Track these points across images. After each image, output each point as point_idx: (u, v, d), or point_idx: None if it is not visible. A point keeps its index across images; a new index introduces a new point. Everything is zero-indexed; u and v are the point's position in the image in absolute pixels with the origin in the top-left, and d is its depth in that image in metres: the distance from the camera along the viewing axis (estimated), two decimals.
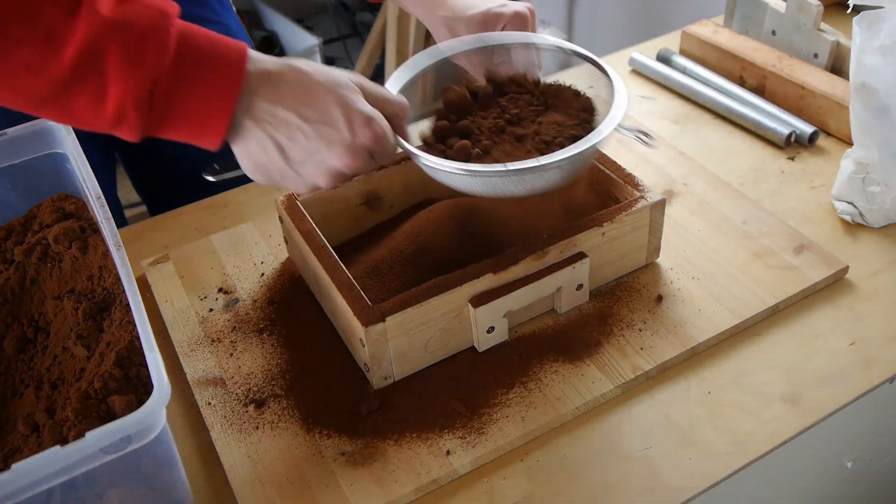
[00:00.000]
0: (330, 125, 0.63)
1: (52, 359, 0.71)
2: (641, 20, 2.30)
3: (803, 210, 0.94)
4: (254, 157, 0.64)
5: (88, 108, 0.57)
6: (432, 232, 0.82)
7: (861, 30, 0.84)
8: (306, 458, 0.70)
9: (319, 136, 0.63)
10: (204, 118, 0.60)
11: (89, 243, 0.76)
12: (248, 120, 0.62)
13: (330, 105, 0.63)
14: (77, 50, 0.54)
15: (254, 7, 2.88)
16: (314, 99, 0.63)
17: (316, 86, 0.63)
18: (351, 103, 0.64)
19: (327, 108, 0.63)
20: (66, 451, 0.52)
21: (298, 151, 0.63)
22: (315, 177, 0.65)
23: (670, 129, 1.09)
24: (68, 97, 0.56)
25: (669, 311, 0.81)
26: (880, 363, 0.76)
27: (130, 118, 0.57)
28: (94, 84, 0.56)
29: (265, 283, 0.89)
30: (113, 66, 0.55)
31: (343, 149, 0.64)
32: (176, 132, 0.60)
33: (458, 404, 0.73)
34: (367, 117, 0.64)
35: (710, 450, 0.70)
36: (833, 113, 1.03)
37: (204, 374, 0.79)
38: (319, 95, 0.63)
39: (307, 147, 0.63)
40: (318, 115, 0.63)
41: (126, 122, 0.58)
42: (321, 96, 0.63)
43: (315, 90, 0.63)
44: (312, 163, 0.64)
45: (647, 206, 0.80)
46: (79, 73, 0.55)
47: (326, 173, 0.65)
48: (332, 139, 0.63)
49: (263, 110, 0.61)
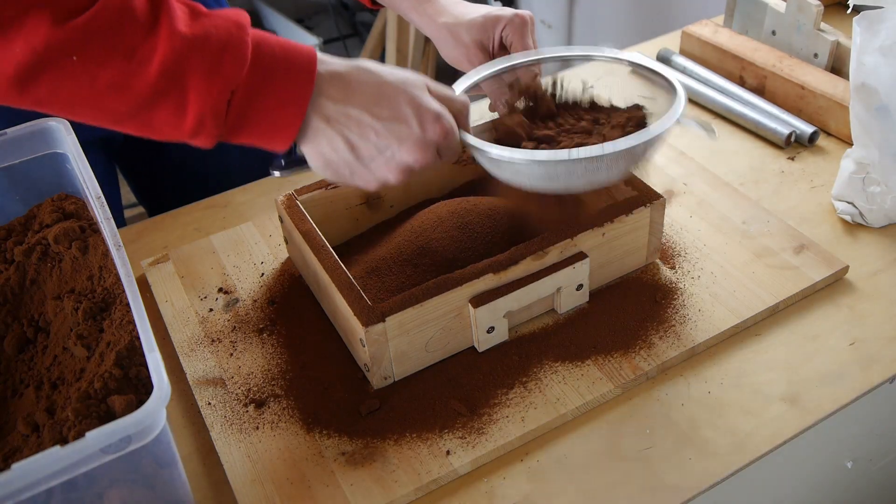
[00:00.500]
0: (401, 122, 0.65)
1: (52, 359, 0.71)
2: (641, 20, 2.30)
3: (803, 210, 0.94)
4: (324, 156, 0.65)
5: (169, 122, 0.59)
6: (432, 232, 0.82)
7: (861, 30, 0.84)
8: (306, 458, 0.70)
9: (391, 133, 0.65)
10: (277, 123, 0.62)
11: (89, 243, 0.76)
12: (320, 120, 0.63)
13: (401, 103, 0.65)
14: (159, 67, 0.56)
15: (254, 7, 2.87)
16: (385, 98, 0.64)
17: (386, 85, 0.65)
18: (420, 101, 0.66)
19: (398, 106, 0.65)
20: (66, 451, 0.52)
21: (370, 148, 0.65)
22: (385, 172, 0.67)
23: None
24: (150, 112, 0.59)
25: (669, 311, 0.81)
26: (880, 363, 0.76)
27: (209, 128, 0.59)
28: (175, 99, 0.58)
29: (265, 283, 0.89)
30: (193, 80, 0.57)
31: (414, 144, 0.66)
32: (249, 137, 0.62)
33: (458, 404, 0.73)
34: (436, 114, 0.66)
35: (710, 450, 0.70)
36: (833, 113, 1.03)
37: (204, 374, 0.79)
38: (390, 94, 0.65)
39: (378, 144, 0.65)
40: (389, 112, 0.64)
41: (204, 131, 0.60)
42: (392, 95, 0.65)
43: (386, 89, 0.65)
44: (383, 159, 0.66)
45: (647, 206, 0.80)
46: (161, 90, 0.57)
47: (397, 168, 0.67)
48: (404, 136, 0.65)
49: (335, 110, 0.63)
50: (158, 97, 0.58)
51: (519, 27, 0.86)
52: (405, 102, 0.65)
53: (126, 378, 0.63)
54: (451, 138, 0.68)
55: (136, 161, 1.17)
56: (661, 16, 2.23)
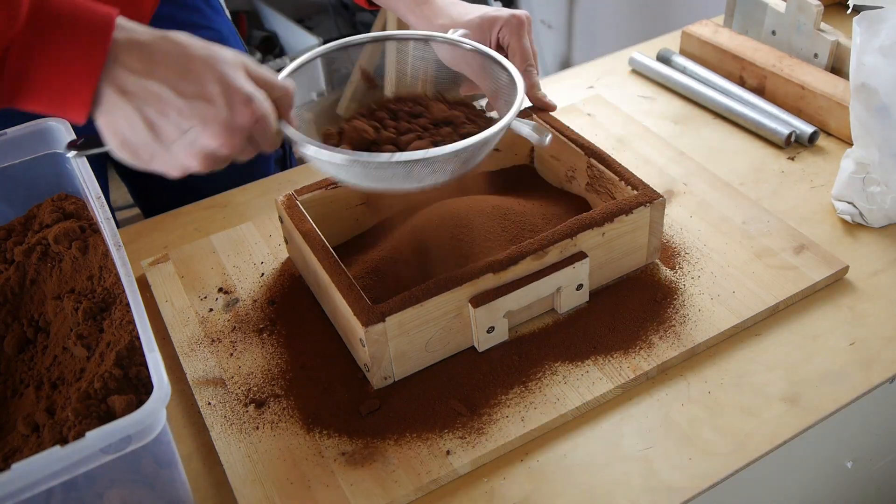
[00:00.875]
0: (207, 101, 0.58)
1: (52, 359, 0.71)
2: (641, 20, 2.30)
3: (803, 210, 0.94)
4: (120, 134, 0.59)
5: None
6: (432, 232, 0.82)
7: (861, 30, 0.84)
8: (306, 458, 0.70)
9: (194, 113, 0.58)
10: (64, 88, 0.56)
11: (89, 243, 0.76)
12: (115, 92, 0.57)
13: (208, 80, 0.58)
14: None
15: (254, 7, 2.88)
16: (191, 72, 0.58)
17: (194, 59, 0.59)
18: (231, 80, 0.59)
19: (205, 83, 0.58)
20: (66, 451, 0.52)
21: (170, 128, 0.58)
22: (187, 157, 0.60)
23: (670, 129, 1.09)
24: None
25: (669, 311, 0.81)
26: (880, 363, 0.76)
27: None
28: None
29: (265, 283, 0.89)
30: None
31: (220, 127, 0.59)
32: (36, 102, 0.57)
33: (458, 404, 0.73)
34: (247, 96, 0.60)
35: (710, 450, 0.70)
36: (833, 113, 1.03)
37: (204, 374, 0.79)
38: (197, 69, 0.58)
39: (180, 124, 0.58)
40: (194, 89, 0.58)
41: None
42: (199, 70, 0.58)
43: (193, 63, 0.58)
44: (185, 141, 0.59)
45: (647, 206, 0.80)
46: None
47: (200, 153, 0.60)
48: (209, 116, 0.59)
49: (133, 82, 0.56)
50: None
51: (516, 28, 0.86)
52: (214, 80, 0.58)
53: (126, 378, 0.63)
54: (263, 124, 0.62)
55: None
56: (661, 16, 2.23)
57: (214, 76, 0.59)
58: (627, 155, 1.03)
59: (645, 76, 1.21)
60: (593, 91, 1.18)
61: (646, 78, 1.20)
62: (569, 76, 1.23)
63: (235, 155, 0.62)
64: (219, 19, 1.11)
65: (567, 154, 0.91)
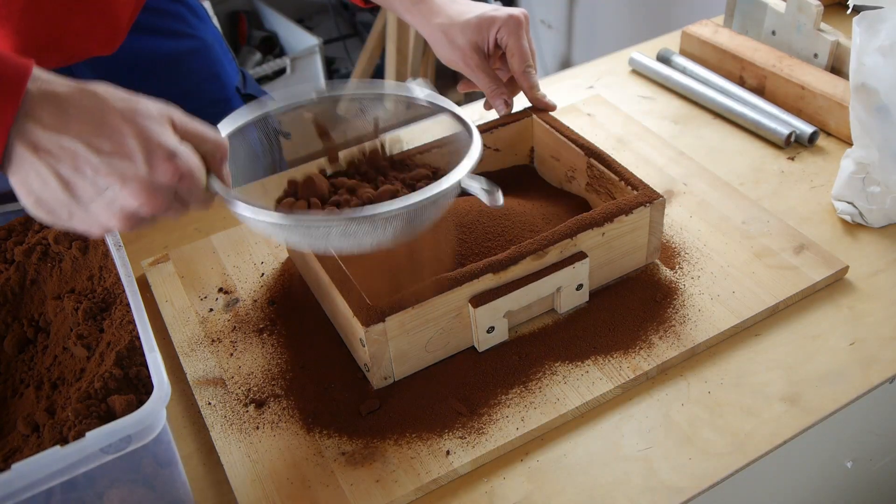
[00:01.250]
0: (125, 158, 0.55)
1: (52, 359, 0.71)
2: (641, 20, 2.31)
3: (803, 210, 0.94)
4: (34, 193, 0.55)
5: None
6: (432, 232, 0.82)
7: (861, 30, 0.84)
8: (306, 458, 0.70)
9: (111, 171, 0.54)
10: None
11: (89, 243, 0.76)
12: (26, 148, 0.53)
13: (126, 135, 0.55)
14: None
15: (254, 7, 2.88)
16: (108, 128, 0.55)
17: (112, 113, 0.55)
18: (151, 135, 0.56)
19: (123, 138, 0.55)
20: (66, 451, 0.52)
21: (86, 187, 0.55)
22: (107, 217, 0.57)
23: (670, 129, 1.09)
24: None
25: (669, 311, 0.81)
26: (880, 363, 0.76)
27: None
28: None
29: (265, 283, 0.89)
30: None
31: (139, 186, 0.55)
32: None
33: (458, 404, 0.73)
34: (169, 151, 0.56)
35: (710, 450, 0.70)
36: (833, 113, 1.03)
37: (204, 374, 0.79)
38: (114, 124, 0.55)
39: (96, 183, 0.55)
40: (111, 146, 0.54)
41: None
42: (116, 125, 0.55)
43: (110, 118, 0.55)
44: (104, 201, 0.56)
45: (647, 206, 0.80)
46: None
47: (120, 213, 0.57)
48: (127, 174, 0.55)
49: (45, 138, 0.53)
50: None
51: (514, 28, 0.86)
52: (132, 135, 0.55)
53: (126, 378, 0.63)
54: (188, 182, 0.58)
55: None
56: (661, 16, 2.23)
57: (134, 131, 0.55)
58: (627, 155, 1.03)
59: (645, 76, 1.21)
60: (593, 91, 1.18)
61: (646, 78, 1.20)
62: (569, 76, 1.23)
63: (160, 213, 0.59)
64: (203, 27, 1.08)
65: (567, 154, 0.91)
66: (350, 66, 2.83)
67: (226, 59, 1.12)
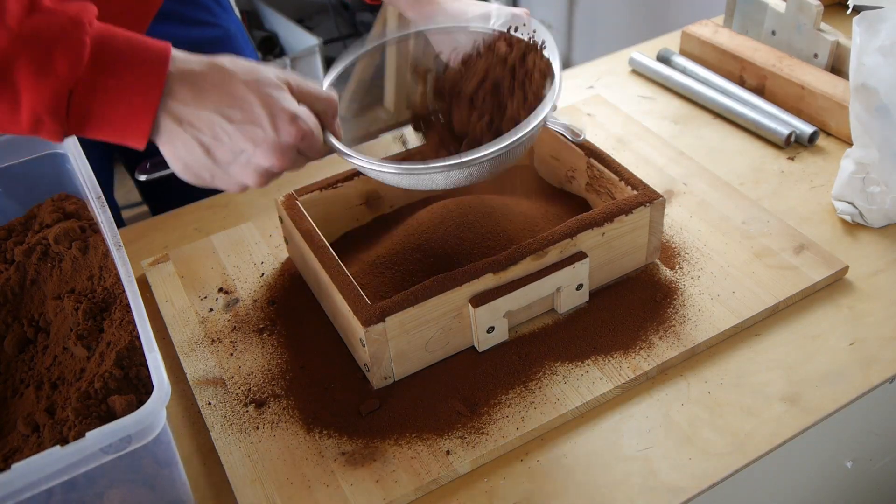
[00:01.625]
0: (255, 124, 0.63)
1: (52, 359, 0.71)
2: (641, 20, 2.30)
3: (803, 210, 0.94)
4: (182, 159, 0.64)
5: (4, 117, 0.58)
6: (432, 231, 0.82)
7: (861, 30, 0.84)
8: (306, 458, 0.70)
9: (244, 137, 0.63)
10: (125, 122, 0.60)
11: (89, 243, 0.76)
12: (172, 122, 0.61)
13: (253, 104, 0.63)
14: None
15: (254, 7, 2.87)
16: (237, 99, 0.62)
17: (239, 85, 0.63)
18: (275, 101, 0.64)
19: (251, 107, 0.63)
20: (66, 451, 0.52)
21: (224, 152, 0.63)
22: (243, 176, 0.65)
23: (670, 129, 1.09)
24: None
25: (669, 311, 0.81)
26: (880, 363, 0.76)
27: (48, 124, 0.58)
28: (6, 96, 0.57)
29: (265, 283, 0.89)
30: (22, 78, 0.56)
31: (269, 148, 0.64)
32: (99, 134, 0.61)
33: (459, 404, 0.73)
34: (291, 115, 0.64)
35: (710, 450, 0.70)
36: (833, 113, 1.03)
37: (204, 374, 0.79)
38: (242, 95, 0.63)
39: (233, 148, 0.63)
40: (241, 115, 0.62)
41: (44, 128, 0.59)
42: (244, 96, 0.63)
43: (238, 89, 0.63)
44: (240, 163, 0.64)
45: (647, 206, 0.80)
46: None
47: (255, 173, 0.65)
48: (258, 139, 0.63)
49: (187, 112, 0.61)
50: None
51: None
52: (259, 104, 0.63)
53: (126, 378, 0.63)
54: (309, 140, 0.66)
55: (136, 160, 1.17)
56: (661, 16, 2.23)
57: (260, 99, 0.63)
58: (627, 155, 1.03)
59: (645, 76, 1.21)
60: (593, 91, 1.18)
61: (646, 78, 1.20)
62: (569, 76, 1.23)
63: (287, 168, 0.67)
64: (227, 17, 1.11)
65: (567, 154, 0.91)
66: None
67: (248, 49, 1.14)
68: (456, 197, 0.87)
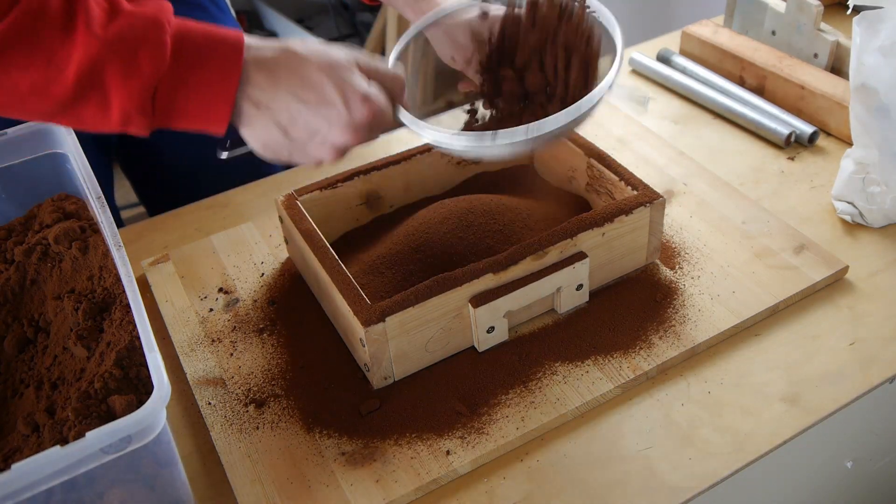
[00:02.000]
0: (329, 105, 0.66)
1: (52, 359, 0.71)
2: (641, 20, 2.30)
3: (803, 210, 0.94)
4: (261, 139, 0.67)
5: (96, 118, 0.61)
6: (432, 231, 0.82)
7: (861, 30, 0.84)
8: (306, 458, 0.70)
9: (319, 117, 0.66)
10: (207, 111, 0.63)
11: (89, 243, 0.76)
12: (251, 107, 0.65)
13: (326, 87, 0.66)
14: (77, 72, 0.58)
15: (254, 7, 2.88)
16: (310, 81, 0.65)
17: (312, 68, 0.66)
18: (347, 82, 0.67)
19: (324, 89, 0.65)
20: (66, 451, 0.52)
21: (301, 132, 0.66)
22: (320, 153, 0.68)
23: (670, 129, 1.09)
24: (75, 111, 0.61)
25: (669, 311, 0.81)
26: (880, 363, 0.76)
27: (136, 121, 0.61)
28: (96, 99, 0.60)
29: (265, 283, 0.89)
30: (112, 81, 0.59)
31: (343, 126, 0.67)
32: (183, 124, 0.64)
33: (459, 404, 0.73)
34: (363, 95, 0.67)
35: (710, 450, 0.70)
36: (833, 113, 1.03)
37: (204, 374, 0.79)
38: (315, 78, 0.65)
39: (308, 128, 0.66)
40: (316, 97, 0.65)
41: (133, 124, 0.61)
42: (317, 78, 0.66)
43: (311, 72, 0.65)
44: (316, 141, 0.67)
45: (647, 206, 0.80)
46: (80, 92, 0.59)
47: (330, 149, 0.68)
48: (332, 118, 0.66)
49: (264, 97, 0.64)
50: (79, 99, 0.59)
51: None
52: (331, 85, 0.66)
53: (126, 378, 0.63)
54: (380, 117, 0.69)
55: (135, 160, 1.17)
56: (661, 16, 2.23)
57: (332, 81, 0.66)
58: (627, 155, 1.03)
59: (645, 76, 1.21)
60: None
61: (646, 78, 1.20)
62: None
63: (361, 143, 0.70)
64: (224, 18, 1.11)
65: (567, 154, 0.91)
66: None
67: None
68: (456, 197, 0.87)
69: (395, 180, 0.90)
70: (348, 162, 0.81)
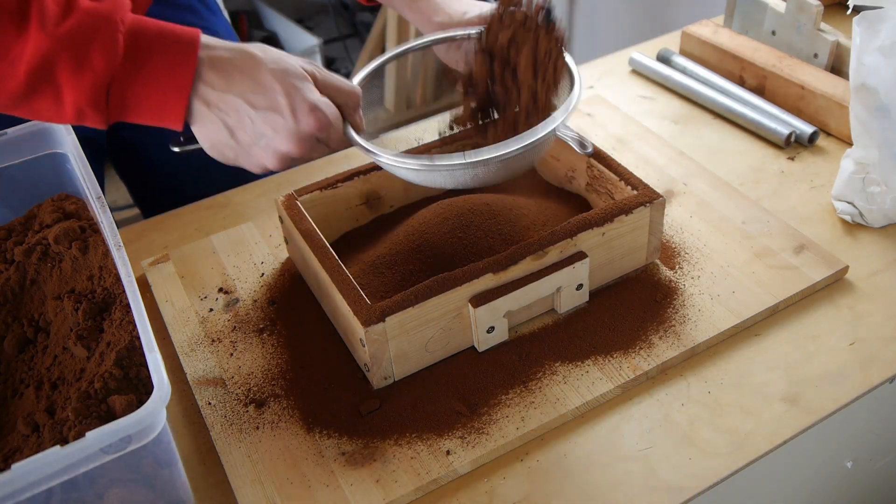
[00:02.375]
0: (275, 112, 0.66)
1: (52, 359, 0.71)
2: (641, 20, 2.30)
3: (803, 210, 0.94)
4: (209, 138, 0.68)
5: (50, 112, 0.63)
6: (432, 231, 0.82)
7: (861, 30, 0.84)
8: (306, 458, 0.70)
9: (266, 123, 0.66)
10: (161, 106, 0.64)
11: (89, 243, 0.76)
12: (202, 105, 0.65)
13: (277, 93, 0.66)
14: (29, 67, 0.60)
15: (254, 7, 2.88)
16: (262, 86, 0.66)
17: (265, 73, 0.66)
18: (297, 91, 0.67)
19: (274, 95, 0.66)
20: (66, 451, 0.52)
21: (246, 135, 0.67)
22: (263, 159, 0.69)
23: (670, 129, 1.09)
24: (29, 104, 0.62)
25: (669, 311, 0.81)
26: (880, 363, 0.76)
27: (90, 115, 0.63)
28: (49, 93, 0.62)
29: (265, 283, 0.89)
30: (63, 76, 0.61)
31: (288, 135, 0.67)
32: (139, 119, 0.65)
33: (459, 404, 0.73)
34: (311, 105, 0.68)
35: (710, 450, 0.70)
36: (833, 113, 1.03)
37: (204, 374, 0.79)
38: (267, 83, 0.66)
39: (254, 132, 0.67)
40: (265, 101, 0.66)
41: (87, 118, 0.63)
42: (269, 84, 0.66)
43: (263, 77, 0.66)
44: (261, 146, 0.68)
45: (647, 206, 0.80)
46: (33, 87, 0.61)
47: (274, 156, 0.69)
48: (278, 126, 0.67)
49: (215, 96, 0.65)
50: (32, 94, 0.61)
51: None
52: (281, 93, 0.66)
53: (126, 378, 0.63)
54: (328, 131, 0.69)
55: (127, 162, 1.16)
56: (661, 16, 2.23)
57: (283, 88, 0.67)
58: (627, 155, 1.03)
59: (645, 76, 1.21)
60: (593, 91, 1.18)
61: (646, 78, 1.20)
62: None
63: (306, 155, 0.70)
64: (215, 20, 1.11)
65: (567, 154, 0.91)
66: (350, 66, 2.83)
67: None
68: (457, 196, 0.87)
69: (395, 180, 0.90)
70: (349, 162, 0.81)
